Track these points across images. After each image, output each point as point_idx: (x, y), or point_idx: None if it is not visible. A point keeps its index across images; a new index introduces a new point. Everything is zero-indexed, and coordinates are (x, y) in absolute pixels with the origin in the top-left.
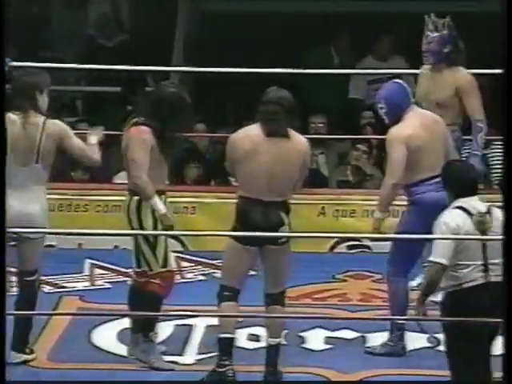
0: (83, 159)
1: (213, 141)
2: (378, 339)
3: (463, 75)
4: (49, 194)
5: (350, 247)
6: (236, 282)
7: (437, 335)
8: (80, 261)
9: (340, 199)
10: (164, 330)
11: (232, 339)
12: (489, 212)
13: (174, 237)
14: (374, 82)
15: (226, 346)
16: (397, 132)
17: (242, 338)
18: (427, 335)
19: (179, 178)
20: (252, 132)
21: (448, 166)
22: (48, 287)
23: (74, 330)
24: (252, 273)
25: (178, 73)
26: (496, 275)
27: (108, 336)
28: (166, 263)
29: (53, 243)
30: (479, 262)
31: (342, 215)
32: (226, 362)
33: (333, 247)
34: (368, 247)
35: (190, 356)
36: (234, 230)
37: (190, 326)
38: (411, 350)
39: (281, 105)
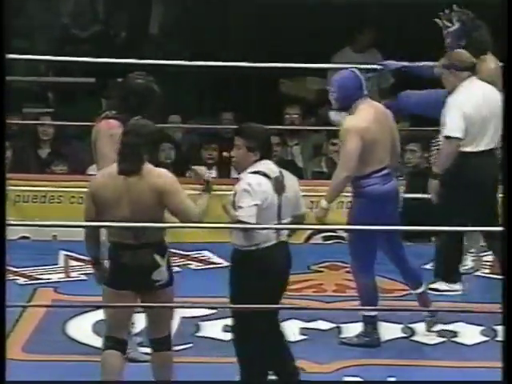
0: None
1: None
2: (353, 330)
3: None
4: (23, 185)
5: (326, 238)
6: (117, 331)
7: (411, 325)
8: (55, 252)
9: (315, 190)
10: (140, 321)
11: None
12: (281, 174)
13: None
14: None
15: None
16: (354, 123)
17: (217, 329)
18: (402, 325)
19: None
20: (110, 176)
21: (251, 129)
22: (22, 279)
23: (48, 322)
24: (225, 264)
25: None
26: (284, 234)
27: (83, 328)
28: None
29: (27, 235)
30: (275, 222)
31: (317, 206)
32: None
33: (308, 238)
34: (343, 238)
35: None
36: (108, 275)
37: None
38: (386, 341)
39: (139, 135)
